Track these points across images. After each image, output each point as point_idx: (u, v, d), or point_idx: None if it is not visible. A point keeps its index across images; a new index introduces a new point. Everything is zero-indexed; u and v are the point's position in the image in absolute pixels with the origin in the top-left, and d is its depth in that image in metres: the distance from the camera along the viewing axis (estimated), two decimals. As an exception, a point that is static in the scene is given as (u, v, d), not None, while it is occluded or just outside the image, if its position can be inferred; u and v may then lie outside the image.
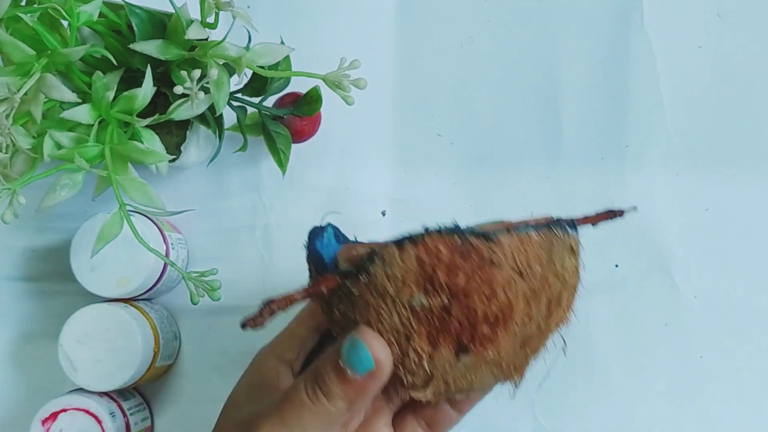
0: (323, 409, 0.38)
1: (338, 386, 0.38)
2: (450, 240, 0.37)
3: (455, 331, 0.37)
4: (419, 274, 0.37)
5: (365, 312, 0.38)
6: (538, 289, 0.38)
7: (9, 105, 0.42)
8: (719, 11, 0.60)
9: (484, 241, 0.37)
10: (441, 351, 0.38)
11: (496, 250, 0.37)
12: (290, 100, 0.55)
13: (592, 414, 0.58)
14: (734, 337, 0.58)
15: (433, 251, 0.37)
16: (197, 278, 0.46)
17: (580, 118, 0.60)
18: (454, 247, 0.37)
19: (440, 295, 0.36)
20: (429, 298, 0.37)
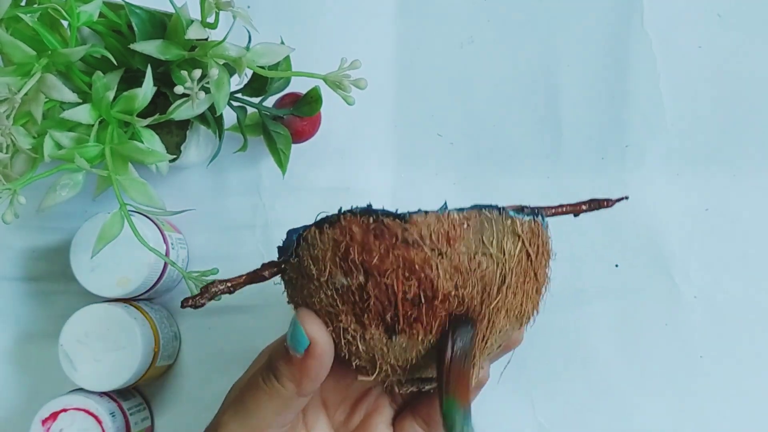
0: (274, 391, 0.40)
1: (285, 367, 0.40)
2: (363, 220, 0.38)
3: (377, 311, 0.38)
4: (336, 254, 0.38)
5: (301, 294, 0.40)
6: (466, 270, 0.38)
7: (9, 105, 0.42)
8: (719, 11, 0.60)
9: (397, 221, 0.37)
10: (370, 331, 0.38)
11: (409, 229, 0.37)
12: (290, 100, 0.55)
13: (592, 414, 0.58)
14: (734, 337, 0.58)
15: (346, 231, 0.38)
16: (197, 278, 0.46)
17: (580, 118, 0.60)
18: (367, 226, 0.37)
19: (357, 274, 0.37)
20: (347, 278, 0.38)
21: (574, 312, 0.58)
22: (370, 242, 0.37)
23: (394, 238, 0.37)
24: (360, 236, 0.37)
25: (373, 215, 0.38)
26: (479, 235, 0.38)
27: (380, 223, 0.37)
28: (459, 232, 0.38)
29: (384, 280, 0.37)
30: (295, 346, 0.39)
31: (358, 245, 0.37)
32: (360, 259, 0.37)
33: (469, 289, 0.38)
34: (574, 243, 0.59)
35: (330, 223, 0.38)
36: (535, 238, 0.40)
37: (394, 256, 0.37)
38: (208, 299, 0.41)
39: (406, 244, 0.37)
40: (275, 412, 0.41)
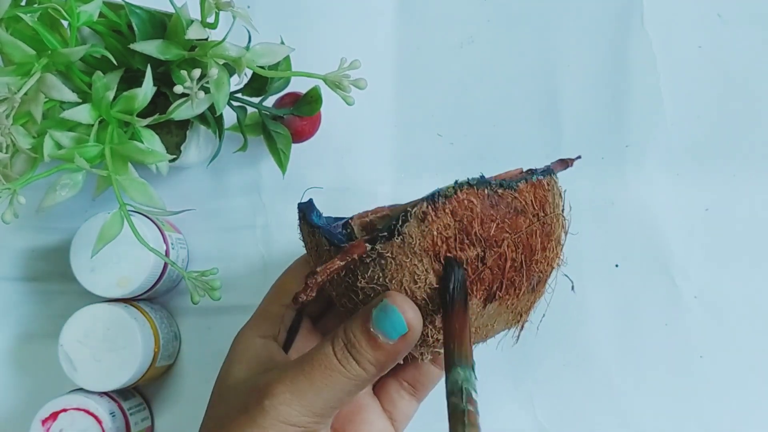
0: (354, 373, 0.39)
1: (370, 351, 0.38)
2: (481, 191, 0.38)
3: (488, 281, 0.38)
4: (455, 228, 0.38)
5: (397, 274, 0.39)
6: (550, 232, 0.40)
7: (9, 105, 0.42)
8: (719, 11, 0.60)
9: (509, 191, 0.38)
10: (472, 302, 0.39)
11: (519, 197, 0.38)
12: (290, 100, 0.55)
13: (592, 414, 0.58)
14: (734, 337, 0.58)
15: (465, 204, 0.38)
16: (197, 278, 0.46)
17: (580, 118, 0.60)
18: (484, 197, 0.38)
19: (476, 246, 0.38)
20: (465, 251, 0.38)
21: (574, 312, 0.58)
22: (488, 213, 0.38)
23: (508, 207, 0.38)
24: (480, 208, 0.38)
25: (487, 186, 0.38)
26: (554, 197, 0.41)
27: (495, 194, 0.38)
28: (546, 196, 0.40)
29: (499, 250, 0.38)
30: (388, 331, 0.38)
31: (479, 217, 0.38)
32: (480, 231, 0.38)
33: (551, 250, 0.40)
34: (574, 243, 0.59)
35: (445, 197, 0.38)
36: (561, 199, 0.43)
37: (508, 225, 0.38)
38: (316, 287, 0.39)
39: (516, 213, 0.38)
40: (348, 393, 0.39)
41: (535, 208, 0.39)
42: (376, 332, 0.38)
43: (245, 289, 0.58)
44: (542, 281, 0.42)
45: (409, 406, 0.48)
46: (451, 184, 0.38)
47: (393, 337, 0.38)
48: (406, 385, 0.47)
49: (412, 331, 0.38)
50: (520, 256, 0.39)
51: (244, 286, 0.58)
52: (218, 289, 0.47)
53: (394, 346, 0.38)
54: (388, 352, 0.38)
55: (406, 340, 0.38)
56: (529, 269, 0.39)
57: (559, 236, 0.41)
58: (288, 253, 0.59)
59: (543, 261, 0.40)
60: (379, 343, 0.38)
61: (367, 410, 0.46)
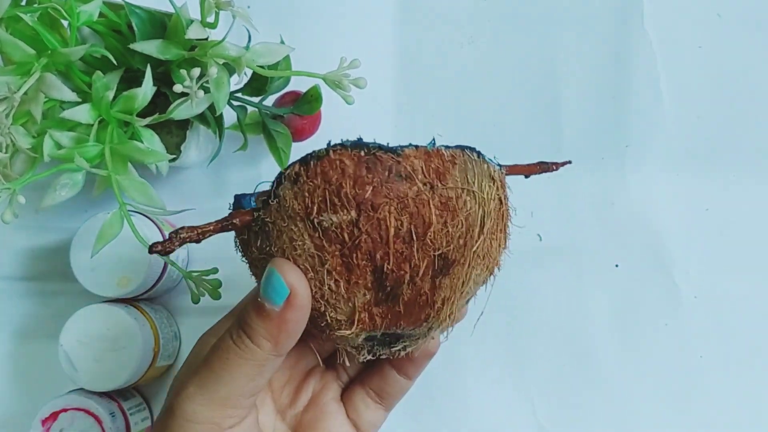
0: (248, 351, 0.37)
1: (260, 323, 0.37)
2: (355, 153, 0.36)
3: (368, 249, 0.36)
4: (326, 189, 0.36)
5: (279, 241, 0.37)
6: (454, 208, 0.36)
7: (9, 104, 0.42)
8: (719, 11, 0.60)
9: (390, 154, 0.36)
10: (357, 273, 0.36)
11: (402, 162, 0.36)
12: (290, 99, 0.55)
13: (592, 414, 0.58)
14: (734, 337, 0.58)
15: (337, 164, 0.36)
16: (198, 277, 0.46)
17: (580, 118, 0.60)
18: (359, 159, 0.36)
19: (348, 209, 0.35)
20: (338, 214, 0.36)
21: (574, 312, 0.58)
22: (363, 175, 0.35)
23: (387, 171, 0.36)
24: (352, 169, 0.36)
25: (365, 148, 0.36)
26: (464, 173, 0.37)
27: (373, 156, 0.36)
28: (448, 168, 0.37)
29: (377, 215, 0.35)
30: (272, 297, 0.36)
31: (351, 178, 0.35)
32: (353, 193, 0.35)
33: (457, 227, 0.37)
34: (574, 243, 0.59)
35: (317, 158, 0.36)
36: (503, 187, 0.40)
37: (387, 189, 0.35)
38: (178, 245, 0.38)
39: (399, 178, 0.36)
40: (249, 377, 0.38)
41: (427, 176, 0.36)
42: (262, 301, 0.37)
43: (245, 289, 0.58)
44: (457, 264, 0.38)
45: (376, 416, 0.46)
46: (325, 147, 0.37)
47: (278, 302, 0.36)
48: (372, 394, 0.45)
49: (294, 294, 0.36)
50: (407, 226, 0.36)
51: (244, 286, 0.58)
52: (218, 288, 0.47)
53: (282, 313, 0.36)
54: (277, 322, 0.36)
55: (291, 305, 0.36)
56: (424, 244, 0.36)
57: (478, 218, 0.38)
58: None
59: (444, 238, 0.36)
60: (266, 313, 0.37)
61: (330, 417, 0.45)
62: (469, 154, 0.38)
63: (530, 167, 0.44)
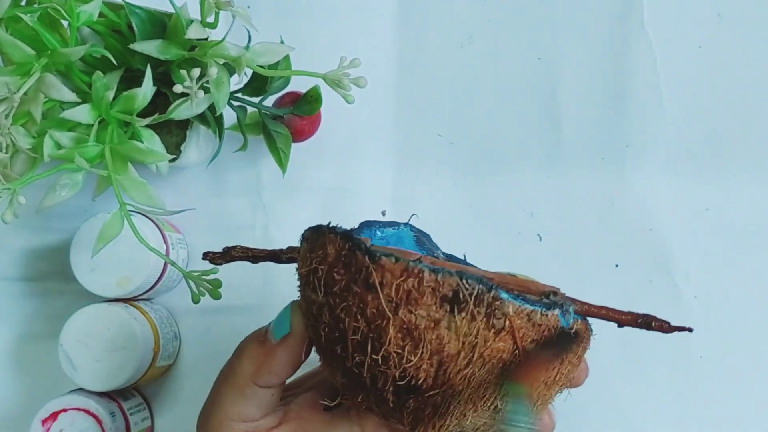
0: (231, 372, 0.40)
1: (253, 347, 0.40)
2: (340, 244, 0.36)
3: (330, 338, 0.37)
4: (311, 269, 0.37)
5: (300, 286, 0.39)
6: (420, 337, 0.34)
7: (9, 105, 0.42)
8: (719, 11, 0.60)
9: (366, 258, 0.35)
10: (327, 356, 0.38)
11: (374, 272, 0.34)
12: (290, 99, 0.55)
13: (592, 414, 0.58)
14: (734, 337, 0.58)
15: (324, 248, 0.36)
16: (198, 277, 0.46)
17: (580, 118, 0.60)
18: (340, 252, 0.36)
19: (320, 295, 0.36)
20: (315, 294, 0.37)
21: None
22: (338, 269, 0.35)
23: (358, 274, 0.35)
24: (331, 259, 0.36)
25: (350, 242, 0.35)
26: (447, 306, 0.34)
27: (351, 253, 0.35)
28: (424, 294, 0.34)
29: (338, 312, 0.35)
30: (275, 328, 0.40)
31: (328, 267, 0.36)
32: (323, 282, 0.36)
33: (420, 357, 0.34)
34: (574, 243, 0.59)
35: (320, 234, 0.37)
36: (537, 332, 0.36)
37: (353, 292, 0.35)
38: (227, 260, 0.41)
39: (366, 285, 0.35)
40: (232, 400, 0.40)
41: (394, 295, 0.34)
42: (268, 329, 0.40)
43: (245, 289, 0.58)
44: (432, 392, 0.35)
45: None
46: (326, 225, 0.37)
47: (276, 336, 0.39)
48: None
49: (292, 334, 0.39)
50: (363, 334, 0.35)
51: (244, 286, 0.58)
52: (218, 288, 0.47)
53: (275, 346, 0.39)
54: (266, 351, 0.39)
55: (285, 342, 0.39)
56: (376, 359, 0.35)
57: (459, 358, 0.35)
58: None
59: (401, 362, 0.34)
60: (262, 339, 0.40)
61: None
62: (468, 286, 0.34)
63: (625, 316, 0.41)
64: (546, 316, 0.36)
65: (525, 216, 0.59)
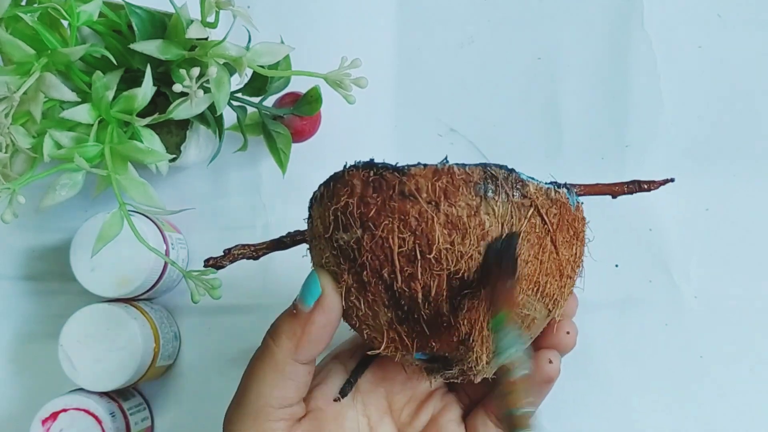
0: (269, 354, 0.39)
1: (287, 323, 0.39)
2: (364, 173, 0.37)
3: (374, 267, 0.37)
4: (337, 209, 0.37)
5: (315, 255, 0.40)
6: (465, 226, 0.36)
7: (8, 104, 0.42)
8: (719, 11, 0.60)
9: (395, 174, 0.37)
10: (371, 291, 0.37)
11: (406, 181, 0.36)
12: (290, 99, 0.55)
13: (592, 414, 0.58)
14: (734, 337, 0.58)
15: (348, 185, 0.37)
16: (198, 277, 0.46)
17: (580, 118, 0.60)
18: (367, 179, 0.37)
19: (355, 228, 0.37)
20: (348, 233, 0.37)
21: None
22: (369, 194, 0.37)
23: (391, 190, 0.36)
24: (360, 189, 0.37)
25: (374, 168, 0.37)
26: (482, 191, 0.37)
27: (379, 176, 0.37)
28: (459, 185, 0.36)
29: (380, 233, 0.36)
30: (305, 297, 0.39)
31: (357, 198, 0.37)
32: (358, 212, 0.37)
33: (469, 246, 0.36)
34: (574, 243, 0.59)
35: (336, 179, 0.38)
36: (554, 206, 0.39)
37: (390, 208, 0.36)
38: (230, 261, 0.41)
39: (402, 196, 0.36)
40: (272, 384, 0.39)
41: (432, 195, 0.36)
42: (296, 302, 0.39)
43: (245, 289, 0.58)
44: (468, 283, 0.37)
45: None
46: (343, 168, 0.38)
47: (309, 302, 0.39)
48: (494, 418, 0.45)
49: (325, 296, 0.38)
50: (410, 243, 0.36)
51: (244, 286, 0.58)
52: (218, 288, 0.47)
53: (309, 313, 0.39)
54: (302, 321, 0.39)
55: (320, 305, 0.38)
56: (428, 261, 0.36)
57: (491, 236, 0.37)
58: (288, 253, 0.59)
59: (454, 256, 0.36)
60: (295, 313, 0.39)
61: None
62: (492, 171, 0.38)
63: (616, 187, 0.43)
64: (558, 192, 0.39)
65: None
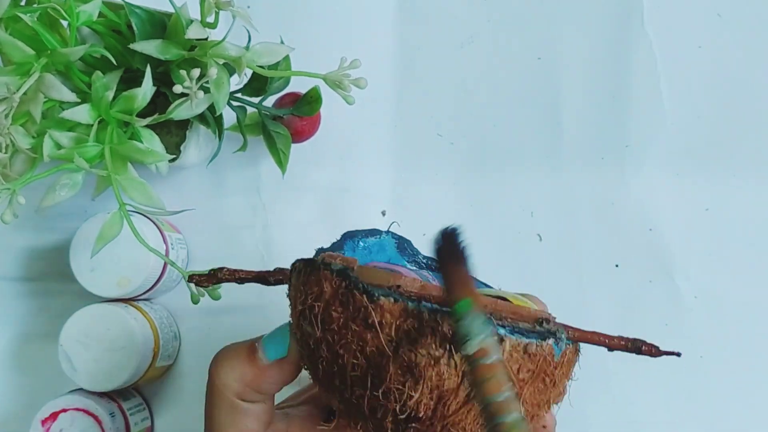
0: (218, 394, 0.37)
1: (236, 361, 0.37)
2: (336, 282, 0.35)
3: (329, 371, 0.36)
4: (306, 302, 0.36)
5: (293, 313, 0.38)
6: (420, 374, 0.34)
7: (8, 104, 0.42)
8: (719, 11, 0.60)
9: (365, 297, 0.34)
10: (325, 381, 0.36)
11: (372, 312, 0.34)
12: (290, 100, 0.55)
13: (592, 414, 0.58)
14: (734, 337, 0.58)
15: (320, 285, 0.35)
16: (197, 278, 0.46)
17: (580, 118, 0.60)
18: (337, 290, 0.35)
19: (317, 329, 0.35)
20: (311, 327, 0.35)
21: (574, 312, 0.58)
22: (335, 306, 0.35)
23: (357, 313, 0.34)
24: (328, 296, 0.35)
25: (347, 281, 0.35)
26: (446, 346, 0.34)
27: (349, 292, 0.35)
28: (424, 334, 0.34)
29: (336, 348, 0.35)
30: (269, 348, 0.37)
31: (324, 304, 0.35)
32: (321, 318, 0.35)
33: (421, 394, 0.34)
34: (574, 243, 0.59)
35: (311, 269, 0.36)
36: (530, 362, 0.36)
37: (351, 331, 0.34)
38: (213, 283, 0.40)
39: (365, 325, 0.34)
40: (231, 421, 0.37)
41: (393, 336, 0.34)
42: (259, 347, 0.37)
43: (245, 289, 0.58)
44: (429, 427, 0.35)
45: None
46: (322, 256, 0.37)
47: (270, 357, 0.37)
48: None
49: (289, 361, 0.37)
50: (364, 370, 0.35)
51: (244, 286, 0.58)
52: (218, 288, 0.47)
53: (267, 367, 0.37)
54: (257, 369, 0.37)
55: (281, 365, 0.37)
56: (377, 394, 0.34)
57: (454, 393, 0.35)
58: (288, 253, 0.59)
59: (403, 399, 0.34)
60: (254, 358, 0.37)
61: None
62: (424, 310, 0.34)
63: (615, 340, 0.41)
64: (541, 347, 0.36)
65: (525, 216, 0.59)
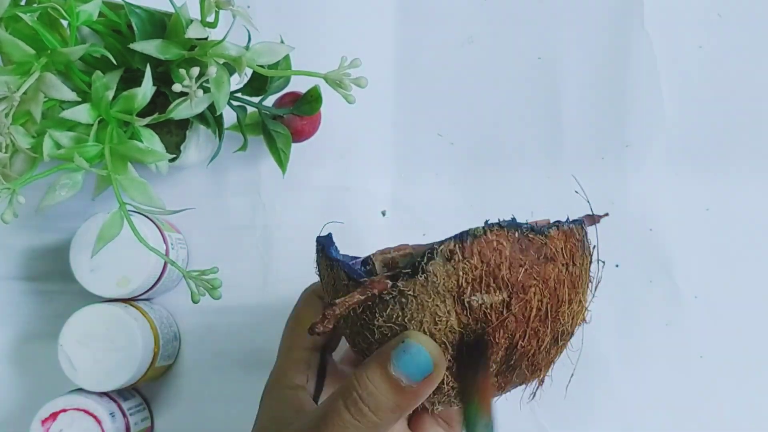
0: (371, 424, 0.36)
1: (391, 397, 0.36)
2: (510, 234, 0.37)
3: (512, 329, 0.37)
4: (483, 270, 0.36)
5: (418, 314, 0.37)
6: (578, 285, 0.39)
7: (8, 104, 0.42)
8: (719, 11, 0.60)
9: (540, 235, 0.37)
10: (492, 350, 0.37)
11: (549, 244, 0.37)
12: (290, 99, 0.55)
13: (592, 414, 0.58)
14: (734, 337, 0.58)
15: (494, 245, 0.36)
16: (198, 277, 0.46)
17: (580, 118, 0.60)
18: (515, 241, 0.37)
19: (502, 290, 0.36)
20: (490, 295, 0.36)
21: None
22: (518, 257, 0.36)
23: (537, 254, 0.37)
24: (509, 251, 0.36)
25: (519, 229, 0.37)
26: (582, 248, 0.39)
27: (526, 238, 0.37)
28: (577, 246, 0.38)
29: (526, 297, 0.36)
30: (411, 373, 0.36)
31: (507, 260, 0.36)
32: (508, 275, 0.36)
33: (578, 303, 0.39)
34: (574, 243, 0.59)
35: (473, 237, 0.36)
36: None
37: (537, 272, 0.36)
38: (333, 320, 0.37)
39: (546, 260, 0.37)
40: None
41: (565, 257, 0.38)
42: (398, 375, 0.36)
43: (245, 289, 0.58)
44: (565, 335, 0.40)
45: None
46: (481, 225, 0.37)
47: (417, 378, 0.36)
48: (441, 421, 0.45)
49: (437, 371, 0.36)
50: (546, 306, 0.37)
51: (244, 286, 0.58)
52: (219, 287, 0.47)
53: (418, 388, 0.36)
54: (411, 395, 0.36)
55: (430, 380, 0.36)
56: (554, 321, 0.38)
57: (585, 291, 0.40)
58: (288, 253, 0.59)
59: (568, 314, 0.38)
60: (402, 387, 0.36)
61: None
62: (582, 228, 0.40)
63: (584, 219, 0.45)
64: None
65: (525, 216, 0.59)
